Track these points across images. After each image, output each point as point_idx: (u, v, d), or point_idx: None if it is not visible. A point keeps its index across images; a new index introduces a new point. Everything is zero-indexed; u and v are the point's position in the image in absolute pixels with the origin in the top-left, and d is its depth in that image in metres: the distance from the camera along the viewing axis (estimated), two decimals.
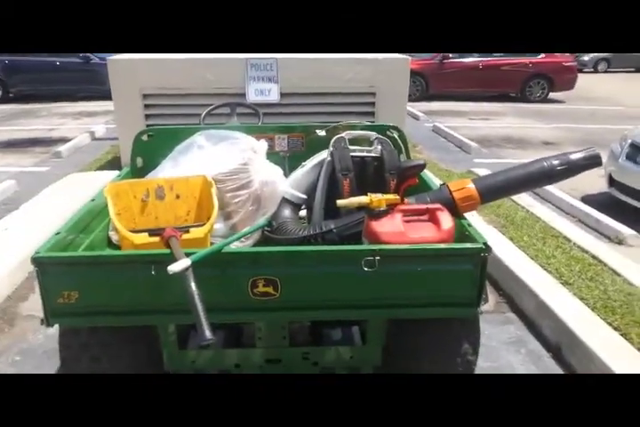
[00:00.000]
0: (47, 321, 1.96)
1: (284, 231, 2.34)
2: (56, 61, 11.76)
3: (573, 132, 8.47)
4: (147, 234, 2.05)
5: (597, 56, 21.34)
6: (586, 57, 21.43)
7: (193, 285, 1.62)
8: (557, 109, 11.38)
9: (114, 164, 6.24)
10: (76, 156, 6.96)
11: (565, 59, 13.51)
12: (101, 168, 6.16)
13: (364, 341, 2.47)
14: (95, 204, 2.44)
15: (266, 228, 2.39)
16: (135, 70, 5.44)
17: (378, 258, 1.87)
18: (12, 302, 3.35)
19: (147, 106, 5.56)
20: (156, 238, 2.00)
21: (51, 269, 1.89)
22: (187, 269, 1.64)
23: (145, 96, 5.51)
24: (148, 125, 5.52)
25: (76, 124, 9.34)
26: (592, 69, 21.20)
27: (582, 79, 17.27)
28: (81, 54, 11.83)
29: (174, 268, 1.61)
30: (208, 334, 1.55)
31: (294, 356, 2.35)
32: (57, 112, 10.62)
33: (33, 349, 2.90)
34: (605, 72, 21.12)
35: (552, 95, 12.55)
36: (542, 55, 12.50)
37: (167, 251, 1.87)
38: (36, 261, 1.85)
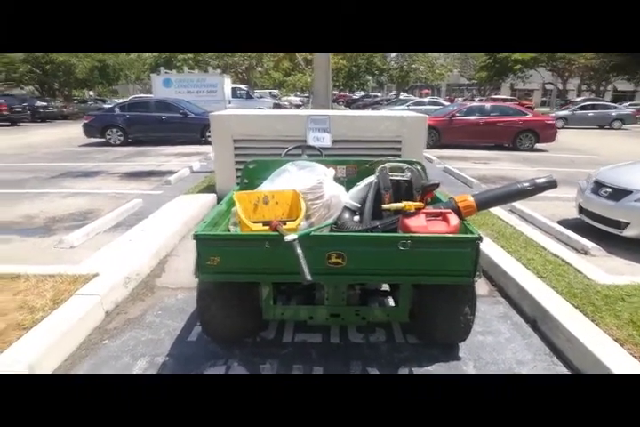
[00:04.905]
0: (199, 276, 2.24)
1: (345, 227, 2.59)
2: (162, 116, 12.46)
3: (554, 173, 8.56)
4: (260, 224, 2.39)
5: (558, 115, 21.30)
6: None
7: (299, 248, 1.97)
8: (542, 156, 11.33)
9: (209, 189, 6.64)
10: (181, 183, 7.38)
11: (547, 118, 13.78)
12: (200, 192, 6.56)
13: (396, 304, 2.67)
14: (221, 207, 2.74)
15: (333, 225, 2.64)
16: (229, 122, 5.83)
17: (409, 242, 2.13)
18: (151, 278, 3.69)
19: (236, 147, 5.89)
20: (266, 227, 2.31)
21: (204, 242, 2.18)
22: (295, 240, 2.01)
23: (235, 140, 5.86)
24: (236, 162, 5.87)
25: (178, 161, 9.84)
26: None
27: None
28: (180, 111, 12.54)
29: (289, 238, 1.98)
30: (308, 277, 1.87)
31: (349, 312, 2.55)
32: (162, 153, 11.16)
33: (168, 307, 3.22)
34: (562, 128, 20.79)
35: (537, 146, 12.53)
36: (530, 115, 12.73)
37: (275, 233, 2.16)
38: (197, 237, 2.16)
